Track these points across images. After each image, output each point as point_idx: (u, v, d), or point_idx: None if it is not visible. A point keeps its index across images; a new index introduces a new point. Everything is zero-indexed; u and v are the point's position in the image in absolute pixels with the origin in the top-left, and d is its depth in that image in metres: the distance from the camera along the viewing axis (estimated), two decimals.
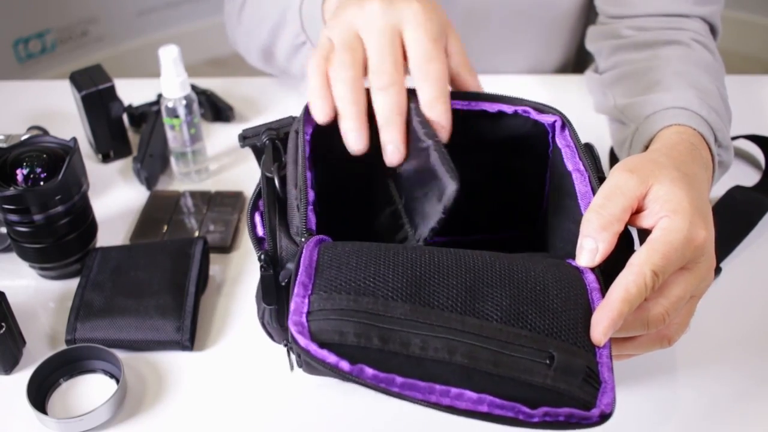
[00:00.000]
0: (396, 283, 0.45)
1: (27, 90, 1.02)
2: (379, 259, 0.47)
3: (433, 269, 0.46)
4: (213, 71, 2.44)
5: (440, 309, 0.45)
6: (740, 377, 0.62)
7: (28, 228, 0.67)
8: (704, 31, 0.81)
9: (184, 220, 0.78)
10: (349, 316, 0.44)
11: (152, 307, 0.65)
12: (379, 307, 0.44)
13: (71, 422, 0.58)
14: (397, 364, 0.43)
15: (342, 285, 0.45)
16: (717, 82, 0.74)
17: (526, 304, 0.45)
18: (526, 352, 0.44)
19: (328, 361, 0.43)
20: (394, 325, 0.43)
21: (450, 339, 0.43)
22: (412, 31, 0.55)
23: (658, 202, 0.50)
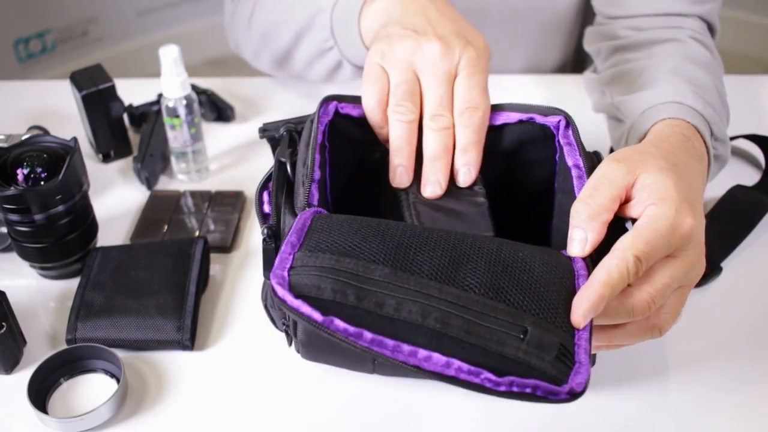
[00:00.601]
0: (380, 248, 0.47)
1: (27, 90, 1.02)
2: (369, 228, 0.49)
3: (420, 241, 0.48)
4: (213, 71, 2.44)
5: (420, 276, 0.46)
6: (740, 376, 0.62)
7: (29, 228, 0.67)
8: (702, 29, 0.81)
9: (184, 220, 0.78)
10: (329, 273, 0.46)
11: (153, 307, 0.65)
12: (359, 268, 0.46)
13: (72, 422, 0.58)
14: (369, 321, 0.45)
15: (327, 246, 0.47)
16: (714, 78, 0.74)
17: (507, 281, 0.46)
18: (500, 324, 0.45)
19: (302, 310, 0.44)
20: (371, 286, 0.45)
21: (425, 304, 0.45)
22: (466, 79, 0.58)
23: (645, 191, 0.50)
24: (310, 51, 0.81)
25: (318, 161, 0.55)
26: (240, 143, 0.89)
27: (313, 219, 0.50)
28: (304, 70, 0.86)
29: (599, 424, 0.58)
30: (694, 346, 0.64)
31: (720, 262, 0.70)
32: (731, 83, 0.78)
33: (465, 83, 0.58)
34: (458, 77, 0.59)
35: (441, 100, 0.58)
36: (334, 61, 0.79)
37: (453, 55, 0.59)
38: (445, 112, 0.58)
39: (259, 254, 0.74)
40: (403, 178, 0.58)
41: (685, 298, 0.53)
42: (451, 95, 0.59)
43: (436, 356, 0.44)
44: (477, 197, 0.57)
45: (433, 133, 0.58)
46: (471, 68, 0.59)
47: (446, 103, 0.58)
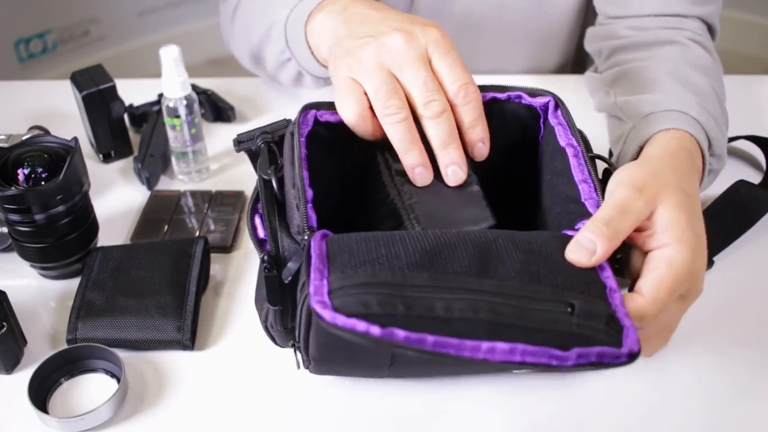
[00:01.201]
0: (409, 257, 0.47)
1: (28, 90, 1.02)
2: (387, 241, 0.49)
3: (442, 244, 0.48)
4: (213, 71, 2.45)
5: (456, 275, 0.47)
6: (735, 373, 0.62)
7: (29, 228, 0.67)
8: (702, 31, 0.81)
9: (184, 220, 0.78)
10: (370, 289, 0.45)
11: (153, 307, 0.65)
12: (398, 278, 0.46)
13: (72, 421, 0.58)
14: (425, 325, 0.45)
15: (358, 264, 0.47)
16: (715, 84, 0.74)
17: (536, 266, 0.48)
18: (547, 304, 0.46)
19: (358, 328, 0.44)
20: (416, 292, 0.45)
21: (471, 299, 0.45)
22: (442, 59, 0.57)
23: (661, 227, 0.51)
24: (274, 60, 0.82)
25: (307, 180, 0.54)
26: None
27: (327, 243, 0.49)
28: (274, 76, 0.87)
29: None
30: (688, 343, 0.64)
31: (714, 255, 0.70)
32: (731, 83, 0.78)
33: (444, 63, 0.57)
34: (433, 60, 0.57)
35: (425, 84, 0.56)
36: (294, 71, 0.80)
37: (417, 39, 0.57)
38: (436, 95, 0.56)
39: (258, 254, 0.75)
40: (424, 176, 0.57)
41: (675, 327, 0.55)
42: (433, 78, 0.57)
43: (500, 345, 0.44)
44: (470, 186, 0.57)
45: (432, 122, 0.56)
46: (442, 47, 0.57)
47: (432, 86, 0.56)
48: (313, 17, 0.70)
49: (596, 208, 0.53)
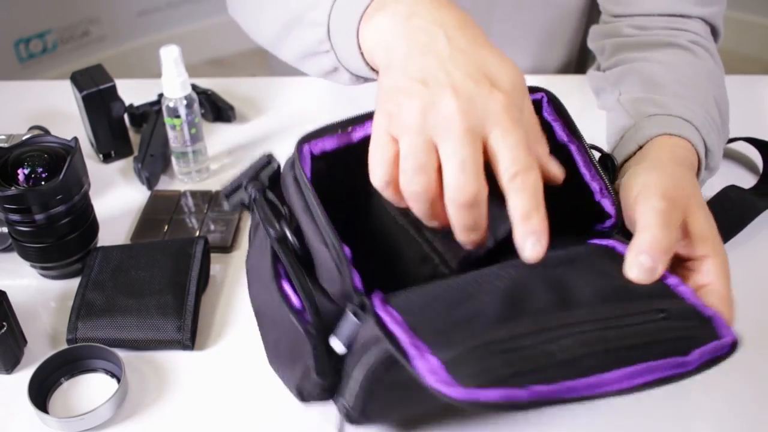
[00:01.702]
0: (489, 307, 0.45)
1: (28, 90, 1.02)
2: (454, 296, 0.46)
3: (508, 285, 0.46)
4: (213, 71, 2.45)
5: (547, 314, 0.44)
6: (726, 379, 0.62)
7: (30, 228, 0.67)
8: (705, 32, 0.81)
9: (184, 220, 0.78)
10: (482, 352, 0.42)
11: (153, 307, 0.65)
12: (501, 333, 0.43)
13: (72, 421, 0.58)
14: (557, 373, 0.41)
15: (447, 329, 0.44)
16: (716, 92, 0.74)
17: (608, 282, 0.47)
18: (642, 317, 0.45)
19: (500, 397, 0.40)
20: (526, 342, 0.42)
21: (578, 332, 0.43)
22: (502, 138, 0.46)
23: (697, 236, 0.52)
24: (302, 46, 0.69)
25: (334, 232, 0.48)
26: (240, 143, 0.89)
27: (398, 310, 0.45)
28: (295, 63, 0.75)
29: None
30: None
31: None
32: (731, 83, 0.78)
33: (503, 144, 0.46)
34: (491, 138, 0.46)
35: (463, 171, 0.45)
36: (329, 65, 0.67)
37: (475, 111, 0.46)
38: (469, 183, 0.46)
39: None
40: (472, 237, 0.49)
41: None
42: (475, 160, 0.46)
43: (628, 370, 0.42)
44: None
45: (456, 208, 0.47)
46: (505, 123, 0.46)
47: (471, 172, 0.46)
48: (371, 16, 0.57)
49: (612, 207, 0.53)
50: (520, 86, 0.49)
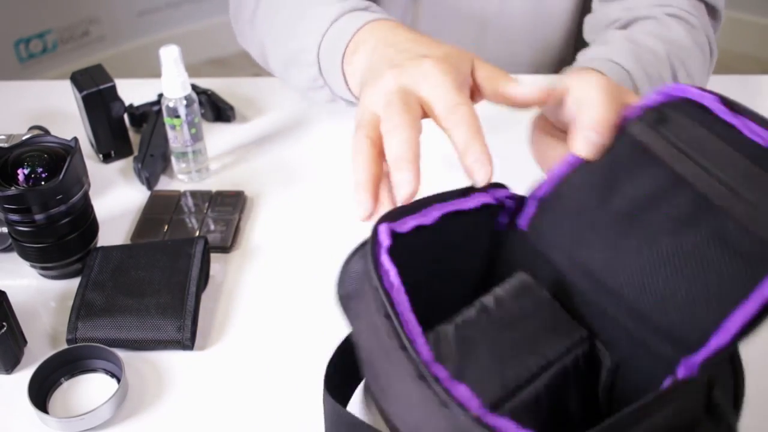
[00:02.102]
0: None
1: (28, 90, 1.02)
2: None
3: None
4: (213, 71, 2.45)
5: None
6: None
7: (29, 228, 0.67)
8: (690, 7, 0.81)
9: (184, 220, 0.78)
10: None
11: (153, 307, 0.65)
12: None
13: (72, 421, 0.58)
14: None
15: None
16: (676, 52, 0.75)
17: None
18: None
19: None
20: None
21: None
22: (430, 89, 0.53)
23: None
24: (303, 81, 0.77)
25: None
26: (240, 143, 0.89)
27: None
28: (304, 94, 0.82)
29: None
30: None
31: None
32: (731, 83, 0.78)
33: (432, 93, 0.52)
34: (423, 94, 0.53)
35: (389, 110, 0.51)
36: (328, 96, 0.76)
37: (405, 75, 0.54)
38: (393, 115, 0.51)
39: (259, 254, 0.75)
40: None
41: None
42: (403, 103, 0.51)
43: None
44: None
45: (385, 137, 0.51)
46: (431, 78, 0.53)
47: (395, 109, 0.51)
48: (350, 60, 0.67)
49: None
50: (455, 55, 0.56)
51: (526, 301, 0.47)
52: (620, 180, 0.47)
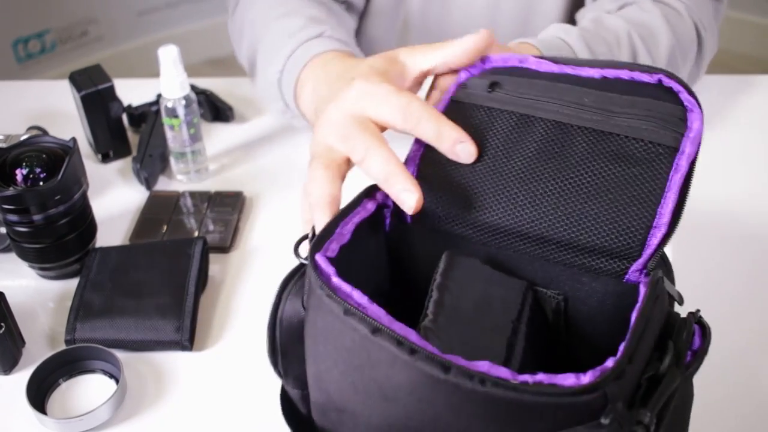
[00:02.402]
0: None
1: (26, 90, 1.02)
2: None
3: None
4: (212, 71, 2.44)
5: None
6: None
7: (28, 228, 0.67)
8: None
9: (183, 220, 0.78)
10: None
11: (152, 308, 0.65)
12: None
13: (71, 422, 0.58)
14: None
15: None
16: (640, 31, 0.76)
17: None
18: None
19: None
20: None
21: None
22: (371, 106, 0.51)
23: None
24: (278, 110, 0.80)
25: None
26: (239, 143, 0.89)
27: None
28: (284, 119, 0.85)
29: None
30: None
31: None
32: (731, 83, 0.78)
33: (376, 107, 0.51)
34: (368, 113, 0.52)
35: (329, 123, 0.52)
36: (303, 123, 0.78)
37: (344, 103, 0.52)
38: (325, 134, 0.52)
39: (258, 255, 0.75)
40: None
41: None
42: (354, 127, 0.51)
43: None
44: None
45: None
46: (368, 95, 0.52)
47: (333, 129, 0.52)
48: (299, 94, 0.73)
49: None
50: (379, 62, 0.58)
51: (467, 278, 0.48)
52: (482, 139, 0.50)
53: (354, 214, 0.48)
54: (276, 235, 0.77)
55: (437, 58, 0.55)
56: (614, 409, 0.37)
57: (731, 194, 0.81)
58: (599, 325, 0.50)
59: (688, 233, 0.76)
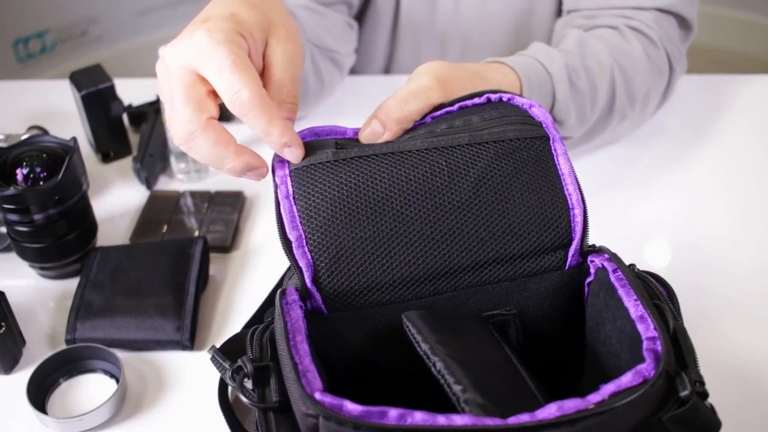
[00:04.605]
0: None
1: (27, 90, 1.02)
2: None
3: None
4: None
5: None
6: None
7: (28, 228, 0.67)
8: (653, 23, 0.80)
9: (184, 220, 0.78)
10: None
11: (152, 307, 0.65)
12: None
13: (71, 422, 0.58)
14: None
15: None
16: (623, 65, 0.76)
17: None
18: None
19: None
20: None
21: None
22: (204, 69, 0.48)
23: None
24: None
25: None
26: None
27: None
28: None
29: None
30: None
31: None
32: (731, 83, 0.78)
33: (208, 73, 0.47)
34: (200, 71, 0.48)
35: (170, 120, 0.49)
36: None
37: (179, 49, 0.49)
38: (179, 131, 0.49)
39: (258, 254, 0.75)
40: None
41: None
42: (177, 110, 0.48)
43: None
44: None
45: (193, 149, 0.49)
46: (205, 56, 0.47)
47: (176, 120, 0.48)
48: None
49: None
50: (243, 13, 0.50)
51: (446, 331, 0.45)
52: (362, 194, 0.48)
53: (292, 339, 0.43)
54: (276, 235, 0.77)
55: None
56: (683, 380, 0.39)
57: (731, 193, 0.81)
58: (558, 324, 0.50)
59: (689, 233, 0.76)
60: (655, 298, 0.44)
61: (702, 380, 0.40)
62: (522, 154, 0.49)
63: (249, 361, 0.43)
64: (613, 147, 0.86)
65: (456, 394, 0.40)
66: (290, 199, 0.48)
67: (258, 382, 0.43)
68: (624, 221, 0.77)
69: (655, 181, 0.82)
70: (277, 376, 0.43)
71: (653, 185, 0.82)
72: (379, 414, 0.37)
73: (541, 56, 0.70)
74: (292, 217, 0.47)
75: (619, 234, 0.75)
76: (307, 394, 0.38)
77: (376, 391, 0.47)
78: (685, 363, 0.41)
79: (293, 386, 0.39)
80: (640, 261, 0.52)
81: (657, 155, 0.86)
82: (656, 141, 0.88)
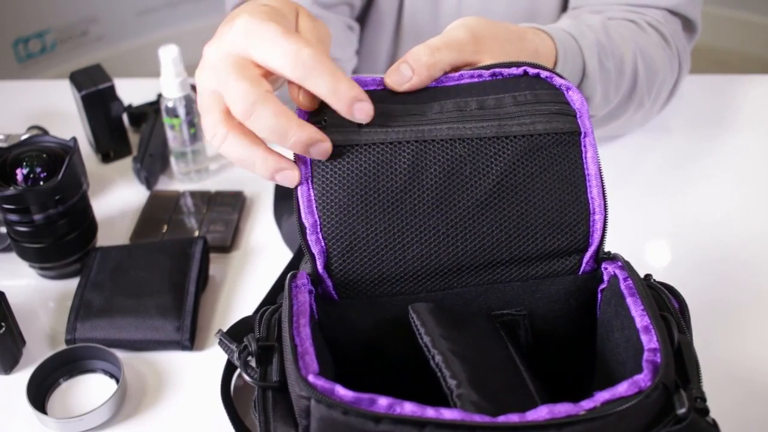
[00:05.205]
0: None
1: (27, 90, 1.02)
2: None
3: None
4: None
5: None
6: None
7: (28, 228, 0.67)
8: (664, 20, 0.81)
9: (184, 220, 0.78)
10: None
11: (152, 307, 0.65)
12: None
13: (71, 422, 0.58)
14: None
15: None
16: (644, 58, 0.75)
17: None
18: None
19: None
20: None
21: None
22: (255, 48, 0.47)
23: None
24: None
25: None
26: None
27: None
28: None
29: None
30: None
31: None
32: (731, 83, 0.78)
33: (260, 49, 0.46)
34: (249, 53, 0.47)
35: (229, 98, 0.47)
36: None
37: (222, 44, 0.48)
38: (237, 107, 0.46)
39: (258, 254, 0.75)
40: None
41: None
42: (241, 75, 0.46)
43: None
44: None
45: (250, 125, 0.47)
46: (251, 35, 0.47)
47: (231, 96, 0.46)
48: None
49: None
50: (267, 7, 0.50)
51: (450, 327, 0.45)
52: (383, 182, 0.46)
53: (295, 321, 0.43)
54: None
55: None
56: (681, 397, 0.38)
57: (731, 193, 0.81)
58: (569, 328, 0.50)
59: (689, 232, 0.76)
60: (664, 310, 0.44)
61: (703, 396, 0.39)
62: (549, 151, 0.47)
63: (254, 339, 0.44)
64: (616, 147, 0.86)
65: (450, 388, 0.40)
66: (308, 182, 0.47)
67: (261, 360, 0.44)
68: (624, 221, 0.77)
69: (657, 182, 0.83)
70: (280, 357, 0.43)
71: (657, 185, 0.82)
72: (369, 401, 0.37)
73: (573, 30, 0.69)
74: (309, 202, 0.46)
75: (620, 234, 0.75)
76: (301, 376, 0.39)
77: (381, 377, 0.48)
78: (688, 377, 0.40)
79: (290, 367, 0.40)
80: (640, 261, 0.52)
81: (660, 156, 0.86)
82: (661, 141, 0.88)
